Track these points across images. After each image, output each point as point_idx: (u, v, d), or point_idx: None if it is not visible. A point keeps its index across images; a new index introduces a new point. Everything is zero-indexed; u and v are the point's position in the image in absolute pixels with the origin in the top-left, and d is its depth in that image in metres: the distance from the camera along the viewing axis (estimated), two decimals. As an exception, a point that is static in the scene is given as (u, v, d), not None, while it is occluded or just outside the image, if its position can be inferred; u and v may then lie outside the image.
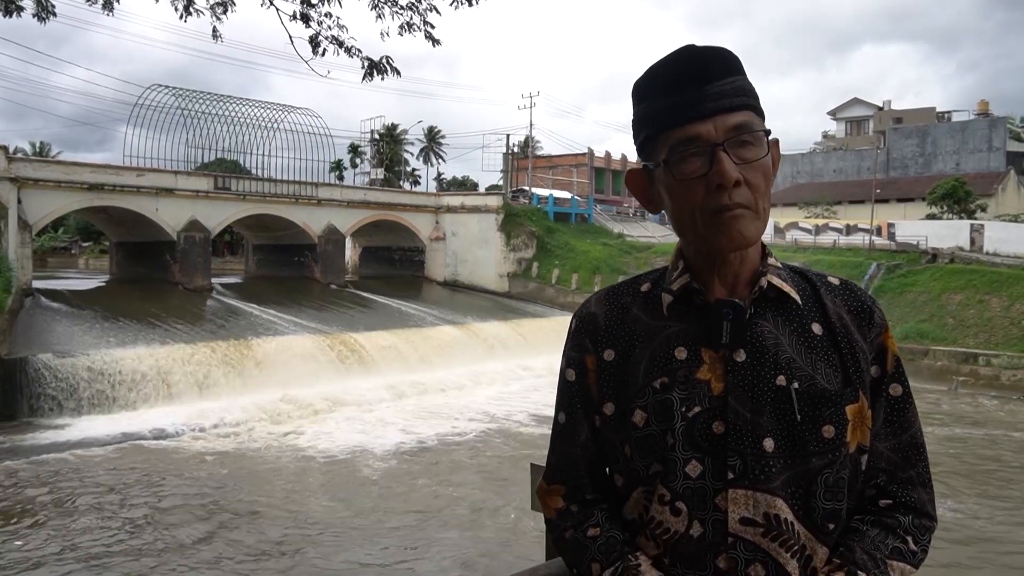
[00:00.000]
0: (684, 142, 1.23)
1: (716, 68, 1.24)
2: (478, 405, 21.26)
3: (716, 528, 1.23)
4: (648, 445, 1.28)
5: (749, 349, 1.26)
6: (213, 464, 15.17)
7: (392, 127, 64.05)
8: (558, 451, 1.43)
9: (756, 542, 1.22)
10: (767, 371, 1.25)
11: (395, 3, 6.33)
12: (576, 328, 1.41)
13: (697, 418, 1.25)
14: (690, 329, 1.30)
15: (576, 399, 1.39)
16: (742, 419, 1.24)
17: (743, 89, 1.25)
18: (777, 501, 1.23)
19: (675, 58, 1.27)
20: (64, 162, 30.20)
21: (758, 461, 1.23)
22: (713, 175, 1.21)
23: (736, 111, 1.23)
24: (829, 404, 1.25)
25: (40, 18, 7.06)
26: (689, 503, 1.25)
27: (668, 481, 1.26)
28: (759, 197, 1.24)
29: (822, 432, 1.24)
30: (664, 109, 1.25)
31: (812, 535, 1.25)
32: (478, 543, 11.54)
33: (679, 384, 1.27)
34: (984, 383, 24.99)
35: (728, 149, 1.21)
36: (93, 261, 58.42)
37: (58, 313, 22.84)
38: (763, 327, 1.28)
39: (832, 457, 1.25)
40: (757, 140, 1.24)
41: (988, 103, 61.23)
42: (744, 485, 1.23)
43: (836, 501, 1.26)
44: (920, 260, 33.49)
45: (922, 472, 1.36)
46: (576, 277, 36.21)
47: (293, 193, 33.48)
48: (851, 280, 1.40)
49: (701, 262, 1.31)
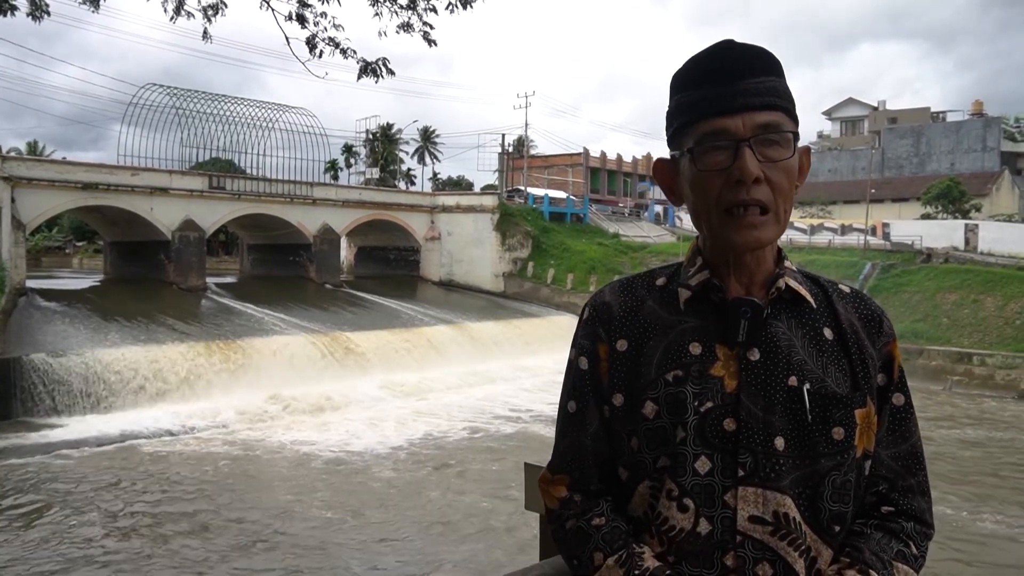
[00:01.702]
0: (711, 134, 1.24)
1: (751, 66, 1.25)
2: (473, 404, 21.25)
3: (725, 526, 1.23)
4: (657, 438, 1.27)
5: (763, 349, 1.27)
6: (207, 464, 15.13)
7: (387, 127, 64.00)
8: (567, 440, 1.40)
9: (764, 540, 1.22)
10: (780, 371, 1.26)
11: (394, 1, 6.31)
12: (589, 316, 1.39)
13: (709, 414, 1.25)
14: (706, 325, 1.30)
15: (588, 387, 1.37)
16: (754, 417, 1.24)
17: (776, 90, 1.26)
18: (786, 500, 1.23)
19: (712, 52, 1.28)
20: (58, 161, 30.13)
21: (769, 459, 1.23)
22: (734, 168, 1.22)
23: (766, 110, 1.24)
24: (839, 407, 1.26)
25: (34, 17, 7.03)
26: (697, 499, 1.24)
27: (676, 476, 1.25)
28: (779, 198, 1.25)
29: (832, 434, 1.25)
30: (697, 101, 1.26)
31: (817, 536, 1.25)
32: (469, 542, 11.53)
33: (693, 379, 1.27)
34: (978, 383, 25.07)
35: (753, 146, 1.22)
36: (87, 261, 58.21)
37: (52, 313, 22.76)
38: (778, 328, 1.29)
39: (841, 459, 1.26)
40: (784, 141, 1.25)
41: (983, 103, 61.42)
42: (755, 483, 1.23)
43: (843, 504, 1.27)
44: (915, 260, 33.60)
45: (922, 481, 1.37)
46: (571, 277, 36.23)
47: (288, 193, 33.44)
48: (861, 290, 1.42)
49: (719, 259, 1.32)
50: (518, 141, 61.23)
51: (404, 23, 6.37)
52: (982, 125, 56.01)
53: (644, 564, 1.26)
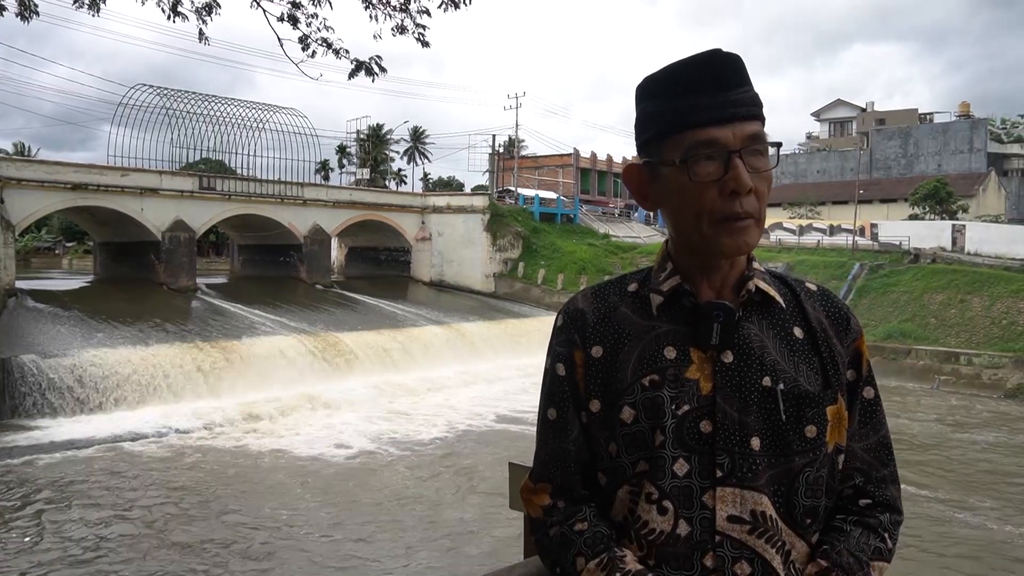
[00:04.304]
0: (701, 144, 1.24)
1: (737, 76, 1.26)
2: (463, 405, 21.25)
3: (704, 526, 1.25)
4: (635, 442, 1.29)
5: (737, 351, 1.29)
6: (198, 465, 15.10)
7: (378, 127, 63.88)
8: (548, 447, 1.40)
9: (743, 539, 1.24)
10: (754, 372, 1.28)
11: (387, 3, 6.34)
12: (564, 324, 1.40)
13: (686, 416, 1.27)
14: (679, 329, 1.31)
15: (566, 394, 1.37)
16: (730, 419, 1.26)
17: (756, 100, 1.28)
18: (763, 498, 1.25)
19: (702, 61, 1.27)
20: (47, 162, 29.92)
21: (745, 459, 1.25)
22: (729, 180, 1.23)
23: (752, 120, 1.26)
24: (812, 405, 1.29)
25: (23, 17, 6.99)
26: (676, 501, 1.26)
27: (655, 479, 1.27)
28: (763, 206, 1.28)
29: (805, 432, 1.28)
30: (684, 109, 1.26)
31: (792, 531, 1.28)
32: (455, 541, 11.58)
33: (669, 383, 1.28)
34: (965, 382, 25.22)
35: (743, 157, 1.24)
36: (77, 261, 57.92)
37: (42, 314, 22.64)
38: (749, 329, 1.31)
39: (813, 456, 1.29)
40: (767, 151, 1.28)
41: (969, 104, 61.83)
42: (732, 483, 1.25)
43: (815, 498, 1.30)
44: (903, 260, 33.77)
45: (893, 471, 1.42)
46: (562, 277, 36.26)
47: (279, 193, 33.33)
48: (827, 288, 1.46)
49: (690, 264, 1.34)
50: (509, 142, 61.28)
51: (398, 25, 6.40)
52: (969, 126, 56.37)
53: (626, 567, 1.27)
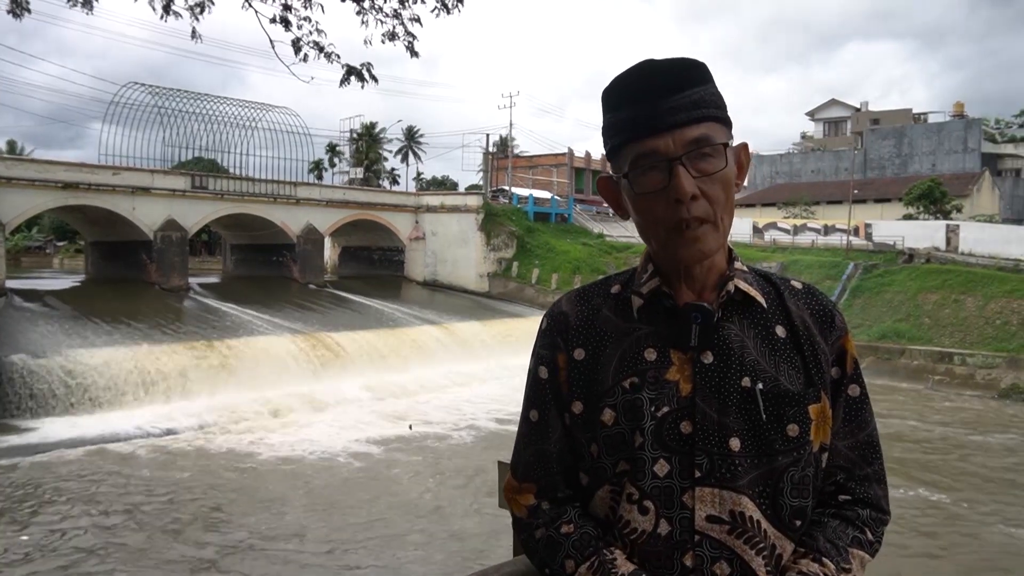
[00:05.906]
0: (643, 156, 1.25)
1: (674, 82, 1.25)
2: (457, 404, 21.24)
3: (683, 526, 1.25)
4: (616, 443, 1.30)
5: (716, 351, 1.30)
6: (189, 466, 15.04)
7: (371, 126, 63.84)
8: (531, 448, 1.42)
9: (722, 540, 1.24)
10: (733, 373, 1.28)
11: (379, 10, 6.30)
12: (548, 327, 1.42)
13: (666, 418, 1.27)
14: (659, 331, 1.32)
15: (549, 396, 1.39)
16: (709, 419, 1.27)
17: (703, 101, 1.26)
18: (743, 499, 1.25)
19: (633, 73, 1.28)
20: (38, 160, 29.76)
21: (724, 460, 1.26)
22: (670, 190, 1.23)
23: (694, 124, 1.24)
24: (793, 404, 1.29)
25: (15, 14, 6.93)
26: (657, 501, 1.27)
27: (636, 479, 1.28)
28: (718, 209, 1.26)
29: (787, 431, 1.28)
30: (624, 122, 1.27)
31: (780, 532, 1.28)
32: (446, 539, 11.57)
33: (649, 384, 1.29)
34: (959, 382, 25.25)
35: (686, 162, 1.23)
36: (68, 261, 57.68)
37: (32, 313, 22.54)
38: (729, 330, 1.31)
39: (797, 455, 1.29)
40: (716, 152, 1.25)
41: (963, 104, 61.97)
42: (711, 484, 1.25)
43: (802, 498, 1.30)
44: (897, 260, 33.86)
45: (878, 469, 1.41)
46: (556, 277, 36.25)
47: (271, 192, 33.28)
48: (813, 284, 1.45)
49: (669, 267, 1.34)
50: (502, 141, 61.22)
51: (389, 32, 6.37)
52: (963, 126, 56.50)
53: (619, 570, 1.27)
